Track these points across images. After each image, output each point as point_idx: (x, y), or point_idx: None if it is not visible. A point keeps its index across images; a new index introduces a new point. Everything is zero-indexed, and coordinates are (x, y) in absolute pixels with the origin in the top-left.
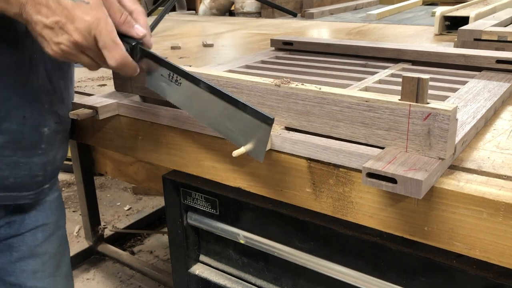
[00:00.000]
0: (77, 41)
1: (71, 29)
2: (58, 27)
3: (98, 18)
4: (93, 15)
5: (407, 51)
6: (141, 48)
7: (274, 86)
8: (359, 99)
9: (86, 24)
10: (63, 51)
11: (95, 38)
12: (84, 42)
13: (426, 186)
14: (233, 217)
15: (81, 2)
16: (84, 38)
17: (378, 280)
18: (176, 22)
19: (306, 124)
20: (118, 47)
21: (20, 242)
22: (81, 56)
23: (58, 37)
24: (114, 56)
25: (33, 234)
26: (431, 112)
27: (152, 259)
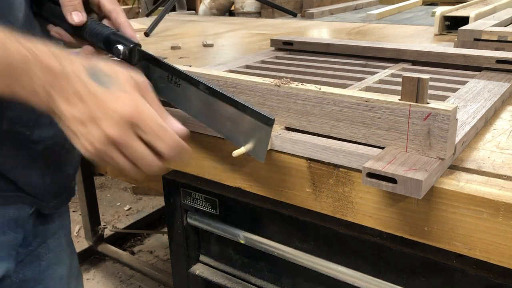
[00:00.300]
0: (112, 136)
1: (104, 122)
2: (90, 121)
3: (136, 105)
4: (129, 102)
5: (407, 51)
6: (140, 50)
7: (274, 86)
8: (359, 99)
9: (122, 114)
10: (97, 149)
11: (136, 131)
12: (122, 138)
13: (426, 186)
14: (233, 217)
15: (116, 90)
16: (121, 132)
17: (378, 280)
18: (176, 22)
19: (306, 124)
20: (168, 130)
21: (46, 250)
22: (118, 156)
23: (90, 133)
24: (167, 143)
25: (56, 240)
26: (431, 112)
27: (152, 259)
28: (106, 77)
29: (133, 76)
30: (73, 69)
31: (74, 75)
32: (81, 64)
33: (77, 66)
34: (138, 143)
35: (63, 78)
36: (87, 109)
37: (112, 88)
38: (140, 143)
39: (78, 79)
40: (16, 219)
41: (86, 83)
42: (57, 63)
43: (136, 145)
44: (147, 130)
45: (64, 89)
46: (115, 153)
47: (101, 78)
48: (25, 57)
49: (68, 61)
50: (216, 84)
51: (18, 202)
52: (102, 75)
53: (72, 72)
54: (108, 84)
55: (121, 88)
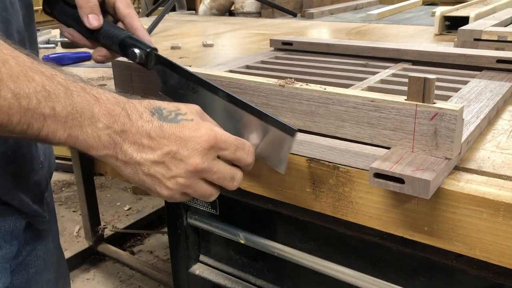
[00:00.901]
0: (197, 165)
1: (186, 155)
2: (169, 158)
3: (211, 129)
4: (204, 128)
5: (408, 51)
6: (156, 55)
7: (279, 87)
8: (364, 99)
9: (203, 141)
10: (181, 185)
11: (218, 154)
12: (205, 164)
13: (434, 186)
14: (233, 217)
15: (184, 121)
16: (204, 158)
17: (378, 280)
18: (176, 22)
19: (310, 124)
20: (245, 141)
21: (34, 257)
22: (200, 184)
23: (172, 170)
24: (250, 151)
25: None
26: (438, 112)
27: (152, 259)
28: (169, 111)
29: (191, 105)
30: (137, 112)
31: (140, 118)
32: (142, 106)
33: (139, 108)
34: (222, 163)
35: (129, 123)
36: (164, 148)
37: (180, 121)
38: (223, 163)
39: (144, 121)
40: (11, 231)
41: (154, 123)
42: (120, 109)
43: (221, 167)
44: (229, 146)
45: (132, 134)
46: (199, 184)
47: (165, 114)
48: (89, 103)
49: (130, 105)
50: (219, 84)
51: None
52: (165, 111)
53: (137, 116)
54: (175, 118)
55: (188, 119)
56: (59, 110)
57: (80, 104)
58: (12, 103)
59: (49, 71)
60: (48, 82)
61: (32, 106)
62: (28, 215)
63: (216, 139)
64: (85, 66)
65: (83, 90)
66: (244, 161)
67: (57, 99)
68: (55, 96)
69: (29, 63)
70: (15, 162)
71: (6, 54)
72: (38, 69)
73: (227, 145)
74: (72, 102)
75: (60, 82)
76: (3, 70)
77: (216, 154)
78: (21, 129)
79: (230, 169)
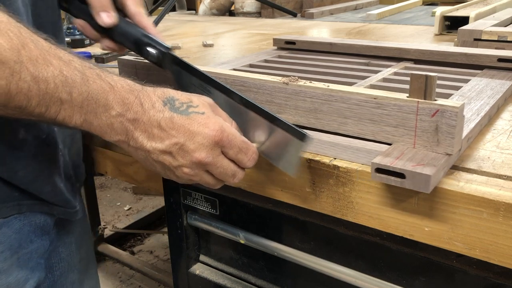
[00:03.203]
0: (202, 159)
1: (192, 148)
2: (176, 149)
3: (220, 126)
4: (212, 124)
5: (410, 50)
6: (172, 55)
7: (282, 84)
8: (367, 96)
9: (209, 137)
10: (186, 174)
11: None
12: (209, 158)
13: (434, 181)
14: (233, 217)
15: (195, 114)
16: (209, 154)
17: (378, 280)
18: (176, 22)
19: (314, 121)
20: (250, 145)
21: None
22: (205, 175)
23: (178, 161)
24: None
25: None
26: (439, 109)
27: (152, 259)
28: (182, 103)
29: (204, 97)
30: (150, 102)
31: (152, 107)
32: (156, 95)
33: (152, 98)
34: (226, 160)
35: (141, 112)
36: (172, 139)
37: (191, 114)
38: (226, 160)
39: (156, 111)
40: (42, 226)
41: (165, 114)
42: (134, 97)
43: (224, 163)
44: (233, 147)
45: (143, 123)
46: (204, 174)
47: (177, 105)
48: (104, 90)
49: (144, 94)
50: (224, 82)
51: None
52: (177, 103)
53: (150, 105)
54: (186, 110)
55: (199, 112)
56: (76, 96)
57: (96, 91)
58: (32, 85)
59: (66, 56)
60: (65, 67)
61: (50, 90)
62: (58, 208)
63: (223, 137)
64: None
65: (99, 77)
66: (243, 164)
67: (74, 84)
68: (72, 81)
69: (47, 47)
70: (50, 145)
71: (26, 37)
72: (56, 53)
73: (231, 145)
74: (88, 89)
75: (76, 68)
76: (23, 53)
77: (221, 150)
78: (40, 111)
79: (232, 167)
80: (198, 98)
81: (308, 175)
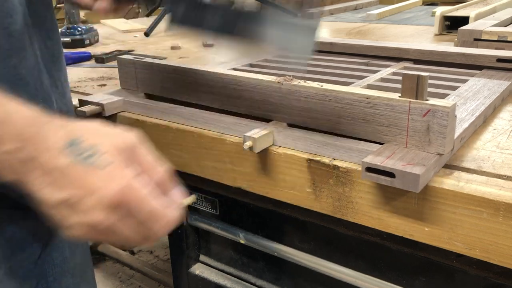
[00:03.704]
0: (97, 223)
1: (87, 207)
2: (71, 205)
3: (126, 185)
4: (117, 181)
5: (409, 50)
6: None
7: (277, 84)
8: (360, 96)
9: (109, 197)
10: (83, 234)
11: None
12: (106, 222)
13: (423, 180)
14: (233, 217)
15: (98, 164)
16: (107, 217)
17: (378, 280)
18: None
19: (308, 120)
20: (161, 213)
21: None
22: (105, 237)
23: (72, 217)
24: (164, 227)
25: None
26: (430, 108)
27: (152, 259)
28: (85, 149)
29: (119, 139)
30: (52, 140)
31: (51, 148)
32: (60, 134)
33: (56, 136)
34: (128, 227)
35: (38, 152)
36: (65, 192)
37: (95, 164)
38: (130, 227)
39: (54, 153)
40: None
41: (62, 160)
42: (33, 132)
43: (125, 231)
44: (139, 212)
45: (39, 165)
46: (101, 235)
47: (82, 151)
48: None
49: (48, 129)
50: (220, 82)
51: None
52: (83, 147)
53: (50, 145)
54: (88, 158)
55: (106, 162)
56: None
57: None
58: None
59: None
60: None
61: None
62: None
63: (127, 199)
64: (85, 66)
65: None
66: (152, 234)
67: None
68: None
69: None
70: None
71: None
72: None
73: (138, 210)
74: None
75: None
76: None
77: (123, 213)
78: None
79: (137, 236)
80: (113, 142)
81: (308, 175)
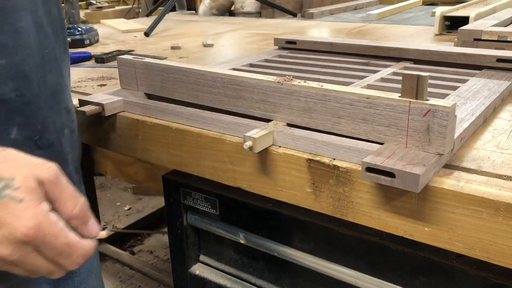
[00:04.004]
0: (5, 257)
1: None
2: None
3: (37, 223)
4: (27, 219)
5: (409, 50)
6: None
7: (277, 84)
8: (360, 96)
9: (18, 234)
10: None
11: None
12: (14, 256)
13: (423, 180)
14: (233, 217)
15: (9, 199)
16: (15, 251)
17: (378, 280)
18: (176, 22)
19: (308, 120)
20: (74, 247)
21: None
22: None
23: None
24: (76, 261)
25: None
26: (430, 108)
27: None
28: (1, 181)
29: (35, 172)
30: None
31: None
32: None
33: None
34: (39, 259)
35: None
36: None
37: (4, 198)
38: (41, 259)
39: None
40: None
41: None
42: None
43: (37, 262)
44: (51, 249)
45: None
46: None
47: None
48: None
49: None
50: (220, 82)
51: None
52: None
53: None
54: (4, 191)
55: (15, 197)
56: None
57: None
58: None
59: None
60: None
61: None
62: None
63: (36, 237)
64: (85, 66)
65: None
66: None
67: None
68: None
69: None
70: (42, 148)
71: None
72: None
73: (49, 247)
74: None
75: None
76: None
77: (38, 247)
78: None
79: (48, 266)
80: (27, 174)
81: (308, 175)
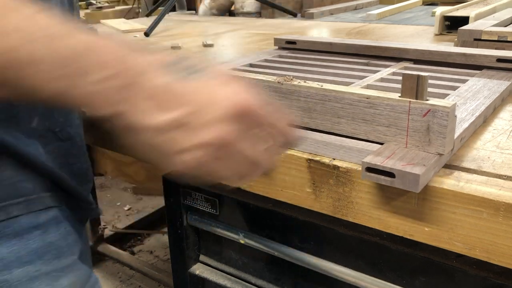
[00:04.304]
0: (220, 137)
1: (206, 123)
2: (182, 125)
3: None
4: (232, 91)
5: (409, 50)
6: None
7: (277, 84)
8: (360, 96)
9: (230, 106)
10: (198, 160)
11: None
12: (234, 136)
13: (423, 180)
14: (233, 217)
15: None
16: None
17: (378, 280)
18: (176, 22)
19: (308, 120)
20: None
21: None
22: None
23: (185, 139)
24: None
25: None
26: (430, 108)
27: (152, 259)
28: (188, 67)
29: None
30: (145, 64)
31: (149, 71)
32: (153, 59)
33: (148, 61)
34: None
35: (134, 76)
36: (177, 110)
37: (202, 79)
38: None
39: (154, 75)
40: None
41: (167, 79)
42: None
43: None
44: (261, 120)
45: (138, 91)
46: (217, 162)
47: (182, 70)
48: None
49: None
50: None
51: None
52: (183, 66)
53: (145, 69)
54: (195, 74)
55: (212, 76)
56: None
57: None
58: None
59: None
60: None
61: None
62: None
63: (247, 108)
64: None
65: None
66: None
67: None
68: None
69: None
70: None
71: None
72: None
73: (260, 119)
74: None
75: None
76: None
77: (246, 127)
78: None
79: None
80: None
81: (308, 175)
